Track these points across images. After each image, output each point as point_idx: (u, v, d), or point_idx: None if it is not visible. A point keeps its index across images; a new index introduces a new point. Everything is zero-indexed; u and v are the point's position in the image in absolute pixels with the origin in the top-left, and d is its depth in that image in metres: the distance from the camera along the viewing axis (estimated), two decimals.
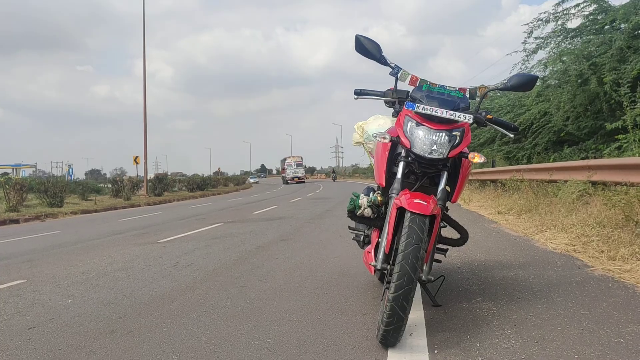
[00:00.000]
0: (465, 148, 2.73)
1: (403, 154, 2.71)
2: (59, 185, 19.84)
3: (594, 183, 6.76)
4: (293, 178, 57.49)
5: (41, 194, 19.24)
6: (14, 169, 59.05)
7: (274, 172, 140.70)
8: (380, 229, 2.81)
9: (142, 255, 6.04)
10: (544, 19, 11.75)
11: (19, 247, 7.96)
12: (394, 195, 2.58)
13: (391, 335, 2.30)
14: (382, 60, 2.93)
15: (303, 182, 56.80)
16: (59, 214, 16.64)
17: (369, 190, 3.15)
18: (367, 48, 2.88)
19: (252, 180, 78.00)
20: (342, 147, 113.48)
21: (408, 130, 2.66)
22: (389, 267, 2.45)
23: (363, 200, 2.95)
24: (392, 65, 2.99)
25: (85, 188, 26.44)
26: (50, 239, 9.15)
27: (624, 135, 8.11)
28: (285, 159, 61.44)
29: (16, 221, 14.60)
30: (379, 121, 3.56)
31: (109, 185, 28.40)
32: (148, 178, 29.78)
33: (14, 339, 2.90)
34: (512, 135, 3.04)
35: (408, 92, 2.92)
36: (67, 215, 16.90)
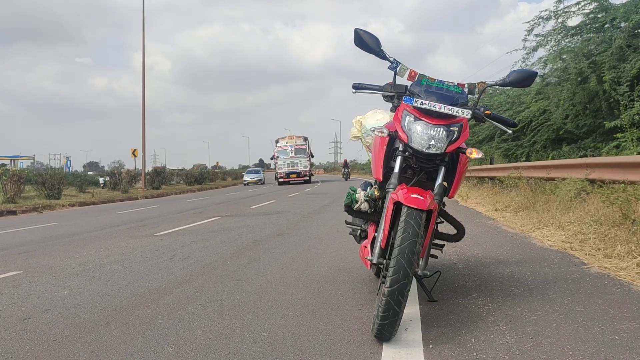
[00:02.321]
0: (463, 143, 2.72)
1: (401, 148, 2.70)
2: (56, 177, 19.83)
3: (591, 181, 6.76)
4: (289, 174, 34.08)
5: (39, 185, 19.22)
6: (12, 161, 58.93)
7: (273, 167, 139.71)
8: (377, 224, 2.81)
9: (139, 247, 6.03)
10: (544, 17, 11.73)
11: (15, 239, 7.95)
12: (391, 189, 2.57)
13: (386, 329, 2.30)
14: (381, 55, 2.92)
15: (307, 180, 34.38)
16: (57, 206, 16.61)
17: (366, 185, 3.14)
18: (366, 42, 2.86)
19: (248, 178, 41.43)
20: (340, 143, 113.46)
21: (406, 124, 2.65)
22: (385, 261, 2.45)
23: (360, 195, 2.95)
24: (391, 59, 2.97)
25: (83, 180, 26.41)
26: (47, 230, 9.14)
27: (622, 134, 8.11)
28: (277, 141, 36.01)
29: (13, 212, 14.58)
30: (377, 116, 3.55)
31: (107, 178, 28.35)
32: (146, 171, 29.72)
33: (8, 330, 2.89)
34: (510, 132, 3.03)
35: (406, 86, 2.91)
36: (65, 207, 16.88)
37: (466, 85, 3.09)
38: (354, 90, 3.00)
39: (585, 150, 9.99)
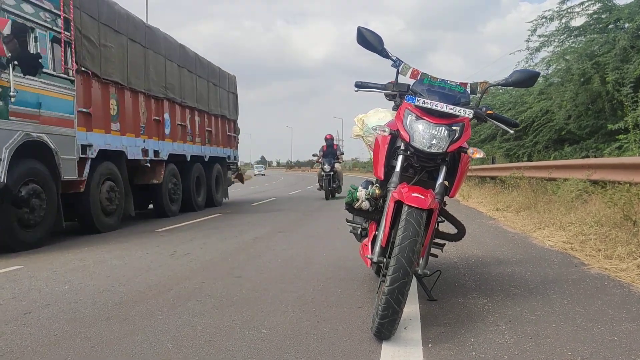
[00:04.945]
0: (465, 143, 2.72)
1: (402, 147, 2.70)
2: None
3: (593, 182, 6.75)
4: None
5: None
6: None
7: (274, 164, 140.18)
8: (378, 222, 2.81)
9: (140, 243, 6.04)
10: (547, 17, 11.70)
11: None
12: (392, 188, 2.57)
13: (386, 328, 2.31)
14: (384, 53, 2.91)
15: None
16: None
17: (367, 183, 3.14)
18: (368, 40, 2.86)
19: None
20: (342, 141, 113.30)
21: (408, 123, 2.65)
22: (385, 260, 2.45)
23: (361, 193, 2.95)
24: (394, 58, 2.96)
25: None
26: None
27: (624, 135, 8.10)
28: None
29: None
30: (379, 114, 3.55)
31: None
32: None
33: (9, 324, 2.90)
34: (512, 132, 3.03)
35: (409, 85, 2.90)
36: None
37: (468, 85, 3.09)
38: (356, 89, 3.00)
39: (587, 151, 9.98)
